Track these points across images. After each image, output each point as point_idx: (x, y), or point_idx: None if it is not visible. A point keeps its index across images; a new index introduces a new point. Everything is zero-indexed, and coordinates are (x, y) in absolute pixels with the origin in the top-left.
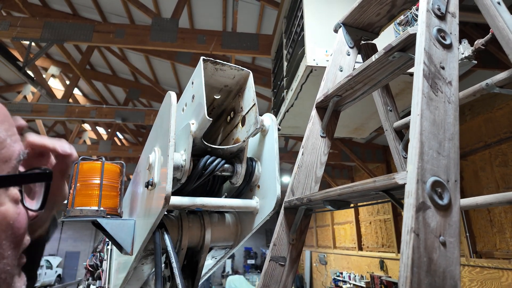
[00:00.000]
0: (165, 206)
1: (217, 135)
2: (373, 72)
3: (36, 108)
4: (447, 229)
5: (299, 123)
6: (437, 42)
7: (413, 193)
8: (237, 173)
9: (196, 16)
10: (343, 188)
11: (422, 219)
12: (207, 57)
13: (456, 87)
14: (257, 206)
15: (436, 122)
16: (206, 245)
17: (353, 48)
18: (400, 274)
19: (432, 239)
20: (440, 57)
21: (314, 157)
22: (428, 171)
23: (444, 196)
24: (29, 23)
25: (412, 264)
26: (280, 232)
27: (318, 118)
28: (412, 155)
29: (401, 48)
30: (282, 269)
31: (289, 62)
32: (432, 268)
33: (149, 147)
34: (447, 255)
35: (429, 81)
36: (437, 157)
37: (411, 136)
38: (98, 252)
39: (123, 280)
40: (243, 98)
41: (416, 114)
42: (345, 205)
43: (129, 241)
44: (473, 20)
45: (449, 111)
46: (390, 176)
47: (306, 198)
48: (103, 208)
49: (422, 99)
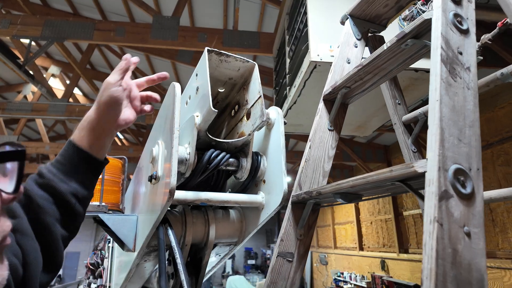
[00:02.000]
0: (169, 199)
1: (221, 129)
2: (384, 61)
3: (36, 107)
4: (471, 219)
5: (302, 121)
6: (454, 27)
7: (434, 181)
8: (242, 168)
9: (197, 15)
10: (356, 180)
11: (445, 208)
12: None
13: (475, 73)
14: (263, 201)
15: (455, 109)
16: (210, 242)
17: (360, 40)
18: (424, 266)
19: (456, 229)
20: (458, 42)
21: (321, 151)
22: (450, 159)
23: (467, 185)
24: (30, 21)
25: (437, 255)
26: (287, 227)
27: (326, 111)
28: (432, 142)
29: (415, 35)
30: (290, 265)
31: (291, 59)
32: (457, 260)
33: (152, 141)
34: (472, 247)
35: (447, 66)
36: (458, 144)
37: (430, 123)
38: (99, 250)
39: (125, 278)
40: (248, 91)
41: (435, 100)
42: (356, 198)
43: (131, 237)
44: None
45: (469, 98)
46: (408, 164)
47: (315, 192)
48: (104, 204)
49: (441, 85)
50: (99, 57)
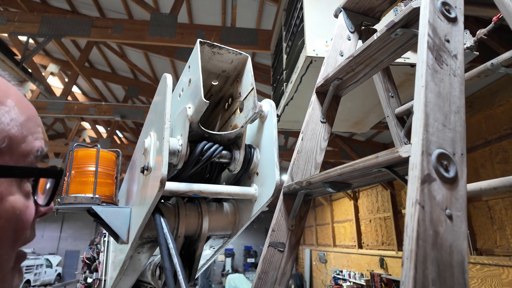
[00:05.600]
0: (160, 189)
1: (215, 123)
2: (375, 51)
3: (34, 105)
4: (454, 202)
5: (299, 117)
6: (442, 15)
7: (417, 165)
8: (235, 160)
9: (194, 12)
10: (343, 167)
11: (428, 191)
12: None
13: (462, 61)
14: (256, 193)
15: (441, 95)
16: (203, 234)
17: (353, 33)
18: (405, 248)
19: (438, 212)
20: (445, 30)
21: (314, 142)
22: (434, 143)
23: (450, 169)
24: (27, 18)
25: (418, 237)
26: (279, 218)
27: (318, 103)
28: (417, 126)
29: (404, 24)
30: (281, 255)
31: (288, 54)
32: (438, 242)
33: (145, 133)
34: (454, 229)
35: (434, 53)
36: (442, 129)
37: (415, 108)
38: (95, 244)
39: (119, 270)
40: (241, 83)
41: (421, 86)
42: (345, 187)
43: (124, 229)
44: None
45: (455, 84)
46: (393, 150)
47: (305, 181)
48: (98, 196)
49: (427, 71)
50: (98, 55)
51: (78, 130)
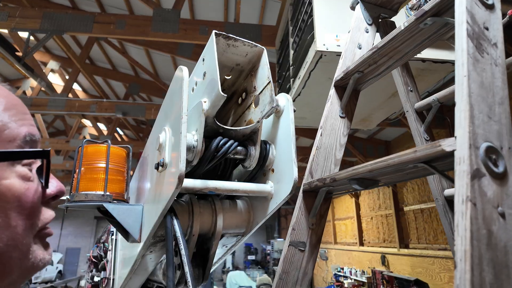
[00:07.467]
0: (178, 186)
1: (227, 118)
2: (401, 42)
3: (35, 102)
4: (505, 199)
5: (306, 113)
6: (479, 1)
7: (465, 159)
8: (250, 156)
9: (197, 7)
10: (375, 163)
11: (478, 187)
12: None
13: (502, 49)
14: (272, 190)
15: (484, 85)
16: (218, 232)
17: (371, 25)
18: (457, 248)
19: (490, 209)
20: (483, 17)
21: (333, 138)
22: (480, 136)
23: (499, 164)
24: (28, 14)
25: (471, 236)
26: (299, 216)
27: (337, 97)
28: (461, 118)
29: (435, 12)
30: (302, 255)
31: (295, 50)
32: (492, 242)
33: (158, 128)
34: (507, 228)
35: (474, 42)
36: (488, 121)
37: (458, 99)
38: (102, 243)
39: (130, 269)
40: (257, 77)
41: (463, 76)
42: (373, 184)
43: (137, 228)
44: None
45: (497, 74)
46: (434, 144)
47: (329, 178)
48: (109, 193)
49: (468, 60)
50: (99, 51)
51: (78, 127)
